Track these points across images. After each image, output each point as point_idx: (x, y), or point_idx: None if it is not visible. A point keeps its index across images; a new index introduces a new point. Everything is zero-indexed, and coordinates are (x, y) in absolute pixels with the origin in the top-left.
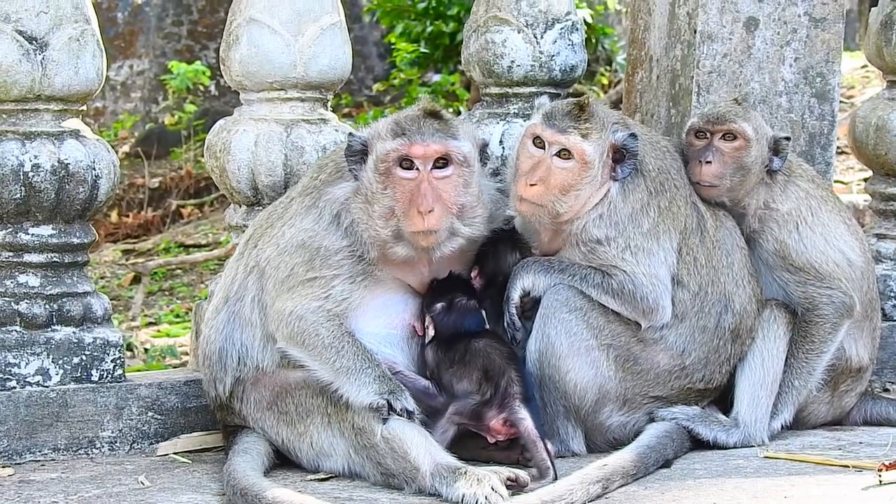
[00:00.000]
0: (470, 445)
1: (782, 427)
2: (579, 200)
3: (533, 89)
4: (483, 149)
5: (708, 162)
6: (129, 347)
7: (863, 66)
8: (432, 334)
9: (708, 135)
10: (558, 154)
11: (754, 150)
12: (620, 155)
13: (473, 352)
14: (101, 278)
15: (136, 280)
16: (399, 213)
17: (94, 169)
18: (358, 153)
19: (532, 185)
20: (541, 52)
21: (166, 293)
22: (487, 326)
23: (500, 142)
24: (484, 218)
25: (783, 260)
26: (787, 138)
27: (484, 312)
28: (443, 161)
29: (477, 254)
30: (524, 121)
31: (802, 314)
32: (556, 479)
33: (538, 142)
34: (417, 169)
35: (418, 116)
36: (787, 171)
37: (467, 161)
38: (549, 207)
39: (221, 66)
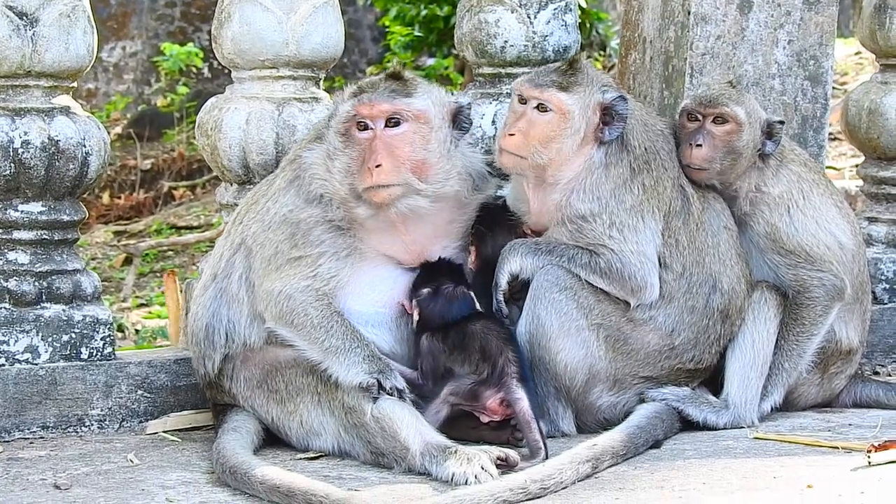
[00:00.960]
0: (460, 425)
1: (772, 409)
2: (561, 154)
3: (526, 69)
4: (457, 113)
5: (698, 145)
6: (120, 328)
7: (856, 53)
8: (417, 319)
9: (700, 117)
10: (537, 108)
11: (746, 135)
12: (609, 116)
13: (471, 334)
14: (93, 259)
15: (128, 261)
16: (354, 171)
17: (85, 146)
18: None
19: (511, 134)
20: (534, 33)
21: (158, 275)
22: (479, 309)
23: (493, 122)
24: (450, 176)
25: (774, 243)
26: (781, 122)
27: (474, 295)
28: (395, 119)
29: (474, 234)
30: None
31: (793, 297)
32: (546, 459)
33: (521, 98)
34: (372, 129)
35: (379, 79)
36: (780, 156)
37: (422, 118)
38: (529, 159)
39: (213, 44)
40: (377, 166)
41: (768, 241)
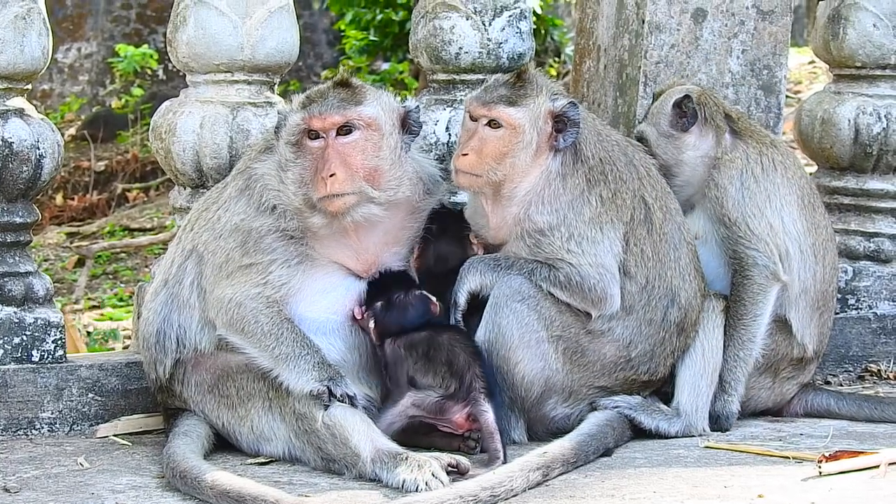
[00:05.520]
0: (411, 431)
1: (741, 405)
2: (515, 168)
3: (480, 76)
4: (405, 117)
5: None
6: None
7: (810, 62)
8: (375, 331)
9: None
10: (488, 125)
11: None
12: (562, 123)
13: (437, 346)
14: (45, 261)
15: (80, 263)
16: (308, 181)
17: (38, 148)
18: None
19: (464, 154)
20: (489, 40)
21: (110, 277)
22: (438, 309)
23: (447, 128)
24: (402, 182)
25: (721, 208)
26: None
27: (434, 298)
28: (346, 128)
29: (423, 237)
30: None
31: (733, 277)
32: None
33: (472, 116)
34: (324, 138)
35: (328, 87)
36: (736, 132)
37: (373, 125)
38: (485, 177)
39: (168, 48)
40: (331, 175)
41: (716, 205)
